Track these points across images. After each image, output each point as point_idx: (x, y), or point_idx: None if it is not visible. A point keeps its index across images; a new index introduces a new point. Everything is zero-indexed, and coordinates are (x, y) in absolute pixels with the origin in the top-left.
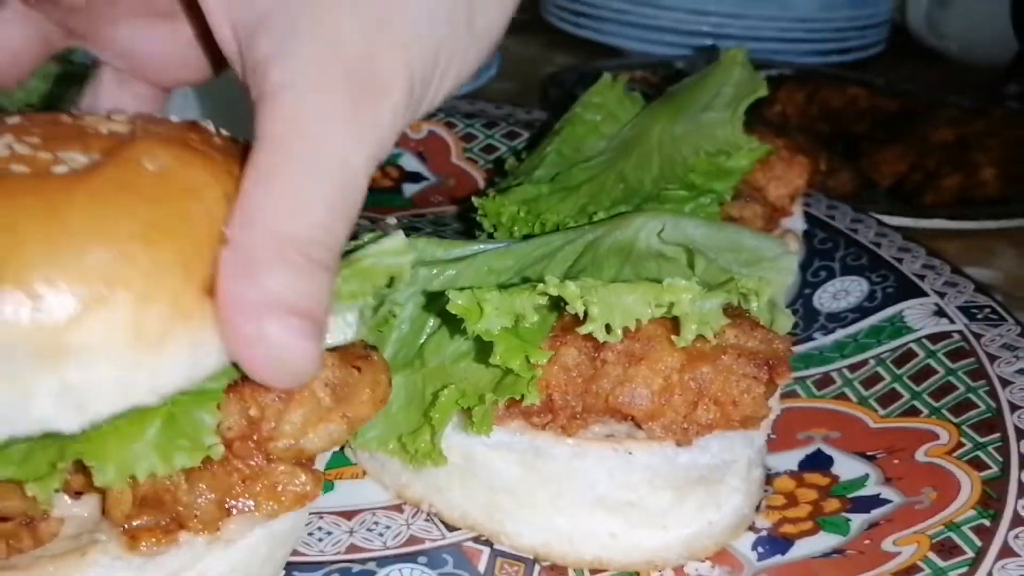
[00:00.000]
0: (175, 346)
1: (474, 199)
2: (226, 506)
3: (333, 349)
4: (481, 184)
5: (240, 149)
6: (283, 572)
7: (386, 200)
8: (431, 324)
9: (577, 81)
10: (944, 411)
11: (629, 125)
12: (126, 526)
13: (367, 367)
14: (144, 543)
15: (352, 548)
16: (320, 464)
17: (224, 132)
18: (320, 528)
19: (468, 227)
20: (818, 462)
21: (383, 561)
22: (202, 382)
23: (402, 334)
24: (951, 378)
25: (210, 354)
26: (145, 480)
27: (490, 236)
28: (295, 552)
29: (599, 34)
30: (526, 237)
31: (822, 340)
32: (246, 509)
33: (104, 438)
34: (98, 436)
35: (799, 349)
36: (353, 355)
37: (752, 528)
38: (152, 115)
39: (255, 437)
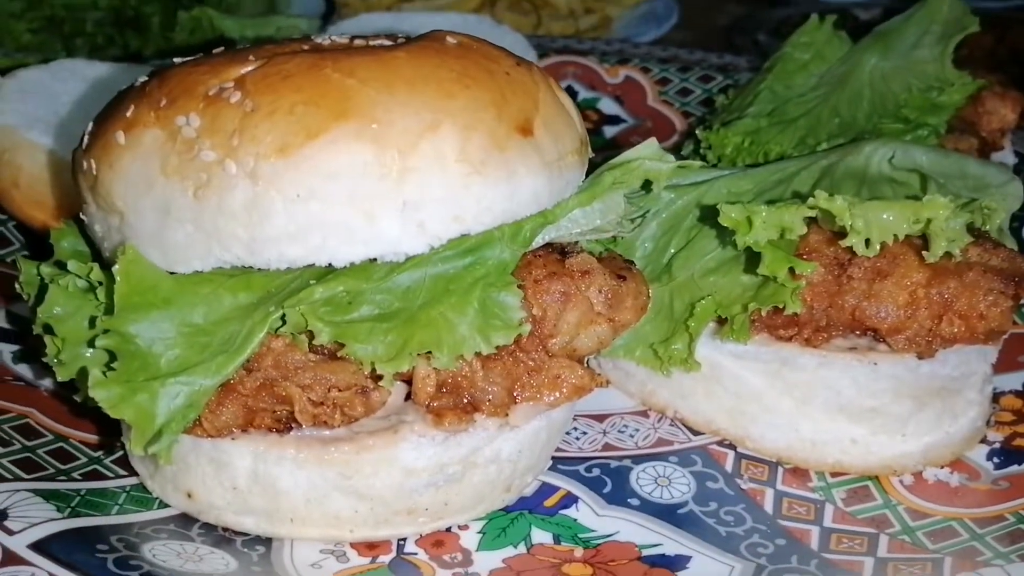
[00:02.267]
0: (495, 172)
1: (698, 131)
2: (514, 394)
3: (599, 259)
4: (678, 126)
5: None
6: (550, 462)
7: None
8: (675, 242)
9: (757, 27)
10: None
11: (839, 63)
12: (430, 406)
13: (631, 277)
14: (448, 420)
15: (607, 447)
16: None
17: None
18: (576, 428)
19: None
20: None
21: (638, 459)
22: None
23: (646, 252)
24: None
25: (523, 187)
26: (446, 367)
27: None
28: (557, 448)
29: None
30: (750, 167)
31: None
32: (531, 397)
33: (435, 325)
34: (429, 324)
35: None
36: (617, 266)
37: (984, 441)
38: None
39: (537, 334)
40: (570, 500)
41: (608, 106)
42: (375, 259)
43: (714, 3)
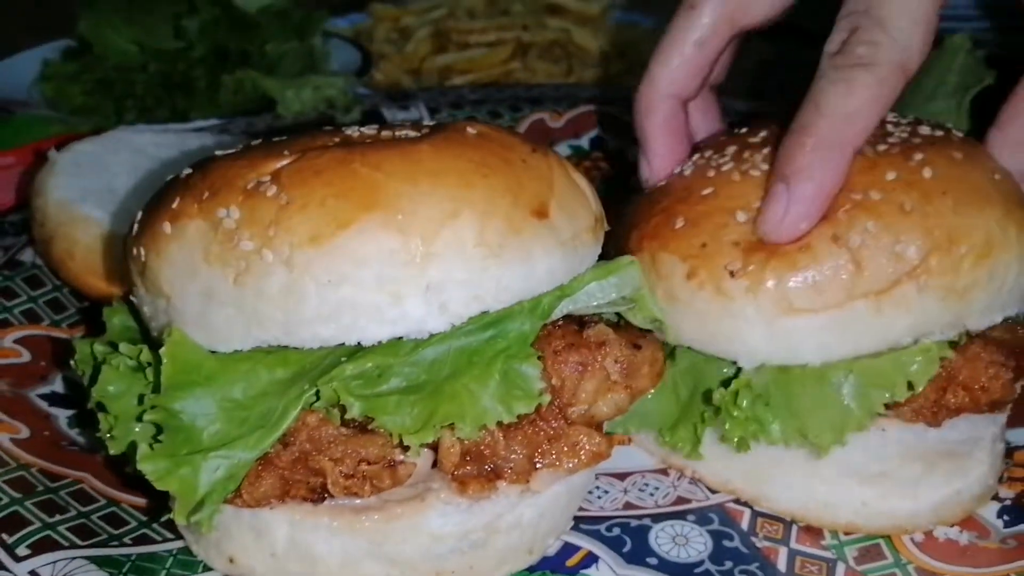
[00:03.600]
0: (512, 254)
1: None
2: (534, 461)
3: (616, 329)
4: None
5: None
6: (572, 523)
7: None
8: None
9: (785, 70)
10: None
11: None
12: (455, 474)
13: (647, 345)
14: (472, 488)
15: (628, 505)
16: None
17: None
18: (598, 487)
19: None
20: None
21: (657, 518)
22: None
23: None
24: None
25: (539, 266)
26: (470, 437)
27: None
28: (580, 508)
29: None
30: None
31: None
32: (551, 464)
33: (459, 397)
34: (453, 396)
35: None
36: (633, 335)
37: (996, 498)
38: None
39: (557, 403)
40: (591, 560)
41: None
42: (401, 337)
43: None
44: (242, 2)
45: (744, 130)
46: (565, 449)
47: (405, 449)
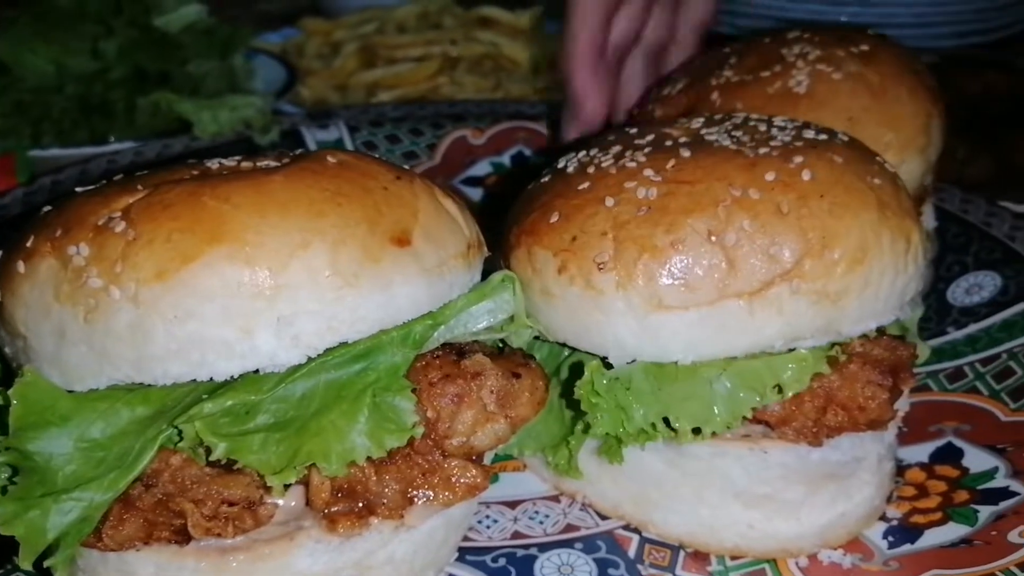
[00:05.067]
0: (368, 283)
1: None
2: (408, 495)
3: (496, 357)
4: None
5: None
6: (456, 555)
7: None
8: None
9: None
10: None
11: None
12: (326, 512)
13: (527, 373)
14: (341, 526)
15: (516, 535)
16: (487, 458)
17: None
18: (488, 516)
19: None
20: (948, 454)
21: (544, 547)
22: (395, 324)
23: (543, 353)
24: None
25: (400, 294)
26: (336, 475)
27: None
28: (466, 537)
29: (732, 28)
30: None
31: (955, 335)
32: (426, 498)
33: (325, 434)
34: (319, 432)
35: (933, 343)
36: (514, 363)
37: (883, 518)
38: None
39: (432, 436)
40: None
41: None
42: (257, 371)
43: None
44: (164, 21)
45: (634, 130)
46: (440, 483)
47: (269, 489)
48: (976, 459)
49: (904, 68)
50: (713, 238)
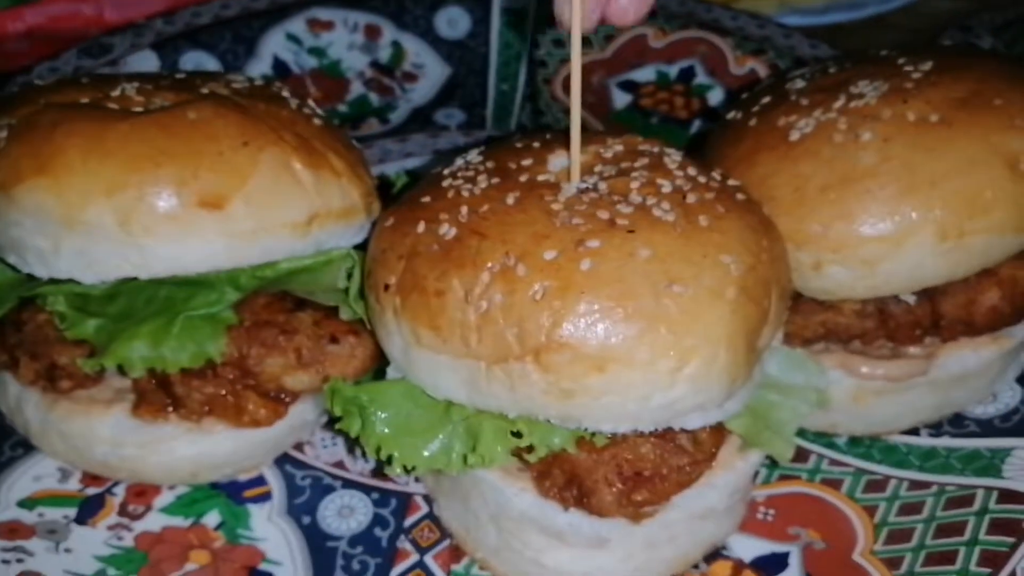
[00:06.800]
0: (162, 236)
1: None
2: (205, 407)
3: (327, 319)
4: None
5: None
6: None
7: None
8: None
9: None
10: None
11: None
12: (141, 398)
13: (347, 340)
14: (144, 412)
15: (339, 464)
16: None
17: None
18: (332, 439)
19: None
20: (773, 565)
21: (348, 484)
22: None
23: None
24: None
25: (193, 250)
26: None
27: None
28: (299, 446)
29: None
30: None
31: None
32: (220, 416)
33: (139, 339)
34: (135, 337)
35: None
36: (342, 328)
37: None
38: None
39: (241, 367)
40: (265, 498)
41: (716, 98)
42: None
43: None
44: None
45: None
46: (231, 407)
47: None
48: None
49: None
50: (468, 300)
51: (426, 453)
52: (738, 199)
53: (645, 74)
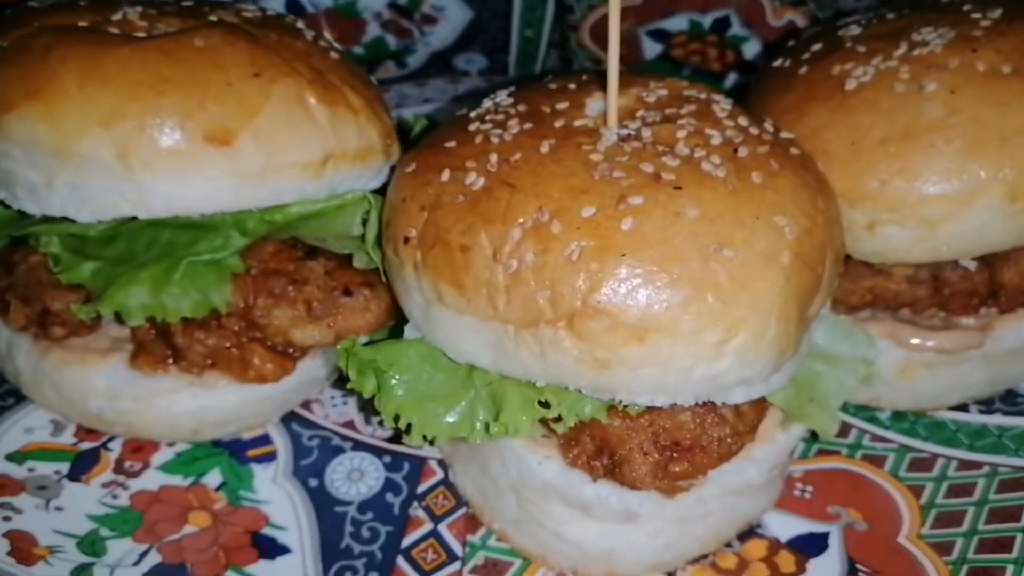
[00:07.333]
0: (162, 171)
1: None
2: (208, 360)
3: (341, 270)
4: None
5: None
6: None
7: None
8: None
9: None
10: None
11: None
12: (139, 346)
13: (362, 293)
14: (142, 363)
15: (348, 424)
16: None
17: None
18: (342, 397)
19: None
20: (811, 545)
21: (359, 446)
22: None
23: None
24: None
25: (197, 189)
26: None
27: None
28: (306, 404)
29: None
30: None
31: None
32: (225, 369)
33: (138, 284)
34: (132, 282)
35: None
36: (356, 280)
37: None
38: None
39: (247, 318)
40: (269, 458)
41: (752, 51)
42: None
43: None
44: None
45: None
46: (236, 361)
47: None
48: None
49: None
50: (497, 258)
51: (448, 420)
52: (792, 154)
53: (677, 23)
